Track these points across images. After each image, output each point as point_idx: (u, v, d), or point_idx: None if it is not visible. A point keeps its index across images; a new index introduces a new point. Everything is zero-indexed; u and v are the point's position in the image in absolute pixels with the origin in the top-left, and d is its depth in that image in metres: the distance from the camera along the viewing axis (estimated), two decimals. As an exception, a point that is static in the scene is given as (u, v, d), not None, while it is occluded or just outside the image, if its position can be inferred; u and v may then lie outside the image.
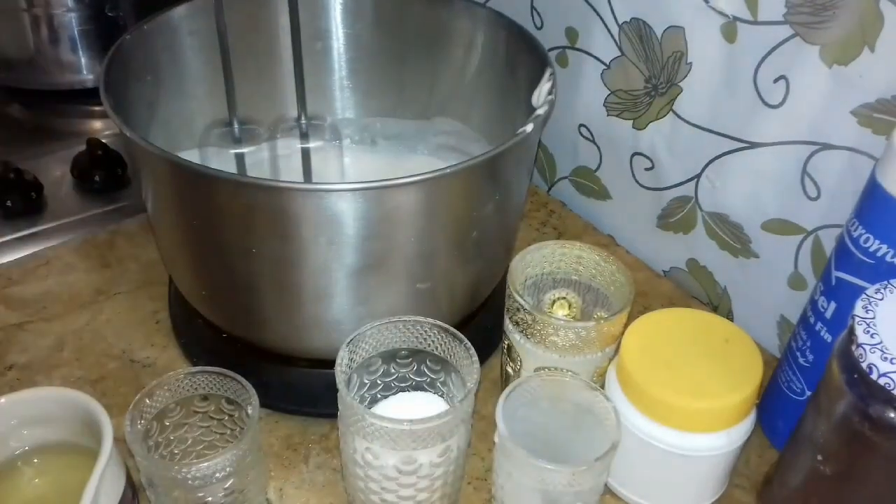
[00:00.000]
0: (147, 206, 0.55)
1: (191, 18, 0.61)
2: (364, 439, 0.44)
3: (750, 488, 0.54)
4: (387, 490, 0.46)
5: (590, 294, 0.55)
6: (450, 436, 0.45)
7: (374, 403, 0.51)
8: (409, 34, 0.66)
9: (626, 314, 0.50)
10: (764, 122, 0.56)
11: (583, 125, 0.72)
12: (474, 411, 0.49)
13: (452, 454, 0.46)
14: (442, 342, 0.49)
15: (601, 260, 0.54)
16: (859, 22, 0.48)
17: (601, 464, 0.44)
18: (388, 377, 0.51)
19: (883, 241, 0.45)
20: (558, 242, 0.55)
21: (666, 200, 0.67)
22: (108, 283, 0.66)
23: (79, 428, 0.46)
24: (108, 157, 0.76)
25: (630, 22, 0.62)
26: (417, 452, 0.44)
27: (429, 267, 0.52)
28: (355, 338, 0.47)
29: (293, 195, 0.46)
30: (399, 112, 0.70)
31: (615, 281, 0.53)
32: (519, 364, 0.53)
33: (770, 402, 0.55)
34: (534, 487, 0.45)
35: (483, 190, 0.51)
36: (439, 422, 0.43)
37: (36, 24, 0.84)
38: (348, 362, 0.47)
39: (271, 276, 0.50)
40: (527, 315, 0.50)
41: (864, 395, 0.39)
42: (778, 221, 0.59)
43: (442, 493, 0.48)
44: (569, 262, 0.55)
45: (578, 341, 0.49)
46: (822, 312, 0.49)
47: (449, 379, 0.50)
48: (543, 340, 0.50)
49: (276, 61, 0.66)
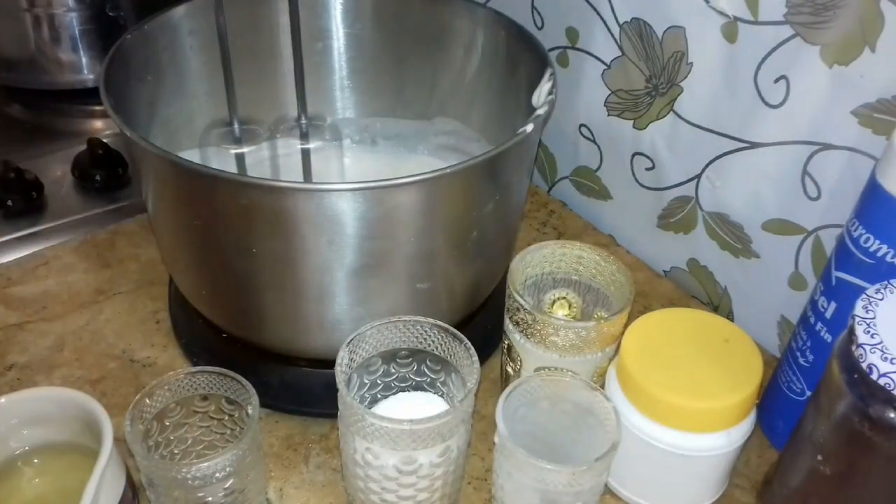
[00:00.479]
0: (147, 206, 0.55)
1: (191, 18, 0.61)
2: (364, 439, 0.44)
3: (750, 488, 0.53)
4: (387, 490, 0.46)
5: (590, 294, 0.55)
6: (450, 436, 0.45)
7: (374, 403, 0.51)
8: (409, 34, 0.66)
9: (626, 314, 0.50)
10: (764, 122, 0.56)
11: (583, 125, 0.72)
12: (474, 411, 0.49)
13: (452, 454, 0.46)
14: (442, 342, 0.49)
15: (601, 260, 0.54)
16: (860, 22, 0.48)
17: (601, 464, 0.44)
18: (388, 377, 0.51)
19: (883, 241, 0.45)
20: (558, 242, 0.55)
21: (666, 200, 0.67)
22: (108, 283, 0.67)
23: (78, 428, 0.46)
24: (109, 157, 0.76)
25: (631, 22, 0.62)
26: (417, 452, 0.44)
27: (429, 267, 0.52)
28: (355, 338, 0.47)
29: (293, 195, 0.46)
30: (399, 112, 0.70)
31: (615, 281, 0.53)
32: (519, 364, 0.53)
33: (770, 402, 0.55)
34: (534, 487, 0.45)
35: (483, 190, 0.51)
36: (439, 422, 0.43)
37: (36, 23, 0.84)
38: (348, 362, 0.47)
39: (271, 276, 0.50)
40: (527, 315, 0.50)
41: (864, 395, 0.39)
42: (778, 221, 0.59)
43: (442, 493, 0.48)
44: (569, 262, 0.55)
45: (579, 341, 0.49)
46: (822, 312, 0.49)
47: (449, 379, 0.50)
48: (544, 340, 0.50)
49: (276, 61, 0.66)
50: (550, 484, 0.44)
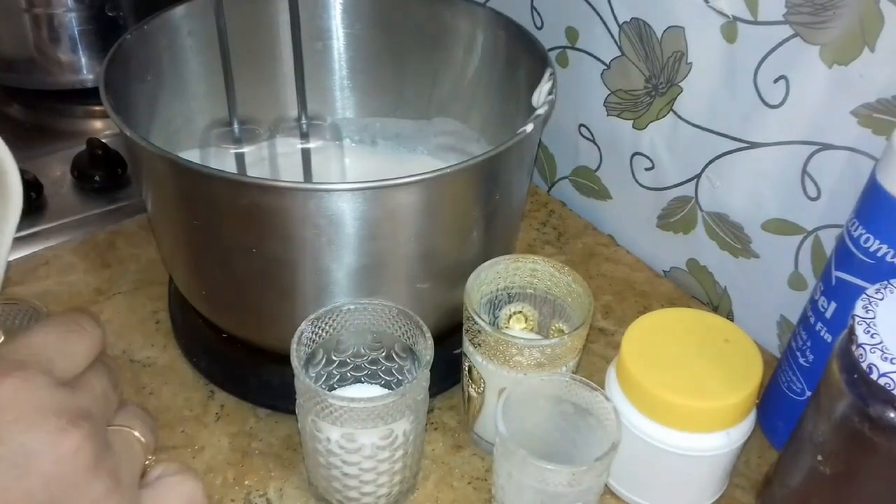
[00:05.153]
0: (147, 206, 0.55)
1: (191, 18, 0.61)
2: (310, 412, 0.46)
3: (750, 488, 0.54)
4: (333, 466, 0.47)
5: (546, 306, 0.55)
6: (392, 420, 0.45)
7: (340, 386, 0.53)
8: (409, 34, 0.66)
9: (587, 326, 0.50)
10: (764, 122, 0.56)
11: (583, 125, 0.72)
12: (430, 405, 0.49)
13: (397, 440, 0.46)
14: (406, 329, 0.49)
15: (556, 271, 0.53)
16: (859, 22, 0.48)
17: (601, 464, 0.45)
18: (358, 371, 0.52)
19: (883, 241, 0.45)
20: (511, 257, 0.54)
21: (666, 200, 0.67)
22: (108, 283, 0.67)
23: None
24: (108, 157, 0.76)
25: (630, 22, 0.62)
26: (358, 432, 0.45)
27: (429, 267, 0.52)
28: (321, 315, 0.49)
29: (293, 195, 0.46)
30: (399, 112, 0.70)
31: (572, 291, 0.52)
32: (482, 385, 0.52)
33: (770, 402, 0.55)
34: (534, 487, 0.45)
35: (483, 190, 0.51)
36: (379, 403, 0.44)
37: (36, 24, 0.84)
38: (310, 335, 0.49)
39: (271, 276, 0.50)
40: (489, 337, 0.49)
41: (864, 395, 0.39)
42: (778, 221, 0.59)
43: (389, 478, 0.48)
44: (523, 275, 0.54)
45: (543, 358, 0.49)
46: (822, 312, 0.49)
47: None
48: (508, 361, 0.49)
49: (276, 61, 0.66)
50: (550, 484, 0.44)
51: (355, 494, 0.49)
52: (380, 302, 0.49)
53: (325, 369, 0.51)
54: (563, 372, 0.50)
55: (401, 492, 0.51)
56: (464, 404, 0.56)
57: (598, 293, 0.67)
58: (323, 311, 0.49)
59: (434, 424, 0.56)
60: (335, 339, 0.50)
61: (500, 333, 0.49)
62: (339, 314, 0.49)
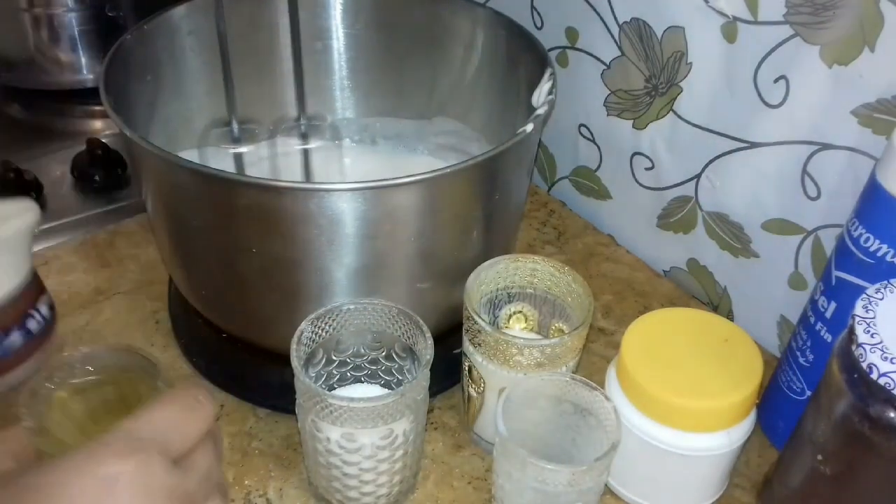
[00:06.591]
0: (147, 206, 0.55)
1: (191, 18, 0.61)
2: (310, 412, 0.46)
3: (750, 488, 0.54)
4: (333, 466, 0.47)
5: (546, 306, 0.55)
6: (392, 419, 0.45)
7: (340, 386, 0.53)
8: (409, 34, 0.66)
9: (587, 325, 0.50)
10: (764, 122, 0.56)
11: (583, 125, 0.72)
12: (431, 408, 0.49)
13: (397, 440, 0.46)
14: (406, 329, 0.49)
15: (556, 271, 0.53)
16: (859, 22, 0.48)
17: (601, 464, 0.45)
18: (358, 371, 0.52)
19: (883, 241, 0.45)
20: (511, 257, 0.54)
21: (666, 200, 0.67)
22: (108, 282, 0.66)
23: None
24: (108, 157, 0.76)
25: (630, 22, 0.62)
26: (359, 431, 0.45)
27: (429, 267, 0.52)
28: (321, 314, 0.49)
29: (293, 195, 0.46)
30: (399, 112, 0.70)
31: (572, 291, 0.53)
32: (482, 385, 0.52)
33: (770, 402, 0.55)
34: (534, 487, 0.45)
35: (483, 190, 0.51)
36: (378, 403, 0.44)
37: (36, 24, 0.84)
38: (309, 335, 0.49)
39: (271, 276, 0.50)
40: (489, 337, 0.49)
41: (864, 395, 0.39)
42: (778, 221, 0.59)
43: (389, 478, 0.48)
44: (523, 275, 0.54)
45: (543, 358, 0.49)
46: (823, 312, 0.49)
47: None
48: (508, 361, 0.49)
49: (276, 61, 0.66)
50: (550, 484, 0.44)
51: (355, 494, 0.49)
52: (380, 302, 0.49)
53: (325, 369, 0.51)
54: (563, 372, 0.50)
55: (401, 491, 0.51)
56: (464, 404, 0.56)
57: (598, 293, 0.67)
58: (323, 310, 0.49)
59: (434, 424, 0.56)
60: (335, 338, 0.50)
61: (500, 333, 0.49)
62: (339, 314, 0.49)
